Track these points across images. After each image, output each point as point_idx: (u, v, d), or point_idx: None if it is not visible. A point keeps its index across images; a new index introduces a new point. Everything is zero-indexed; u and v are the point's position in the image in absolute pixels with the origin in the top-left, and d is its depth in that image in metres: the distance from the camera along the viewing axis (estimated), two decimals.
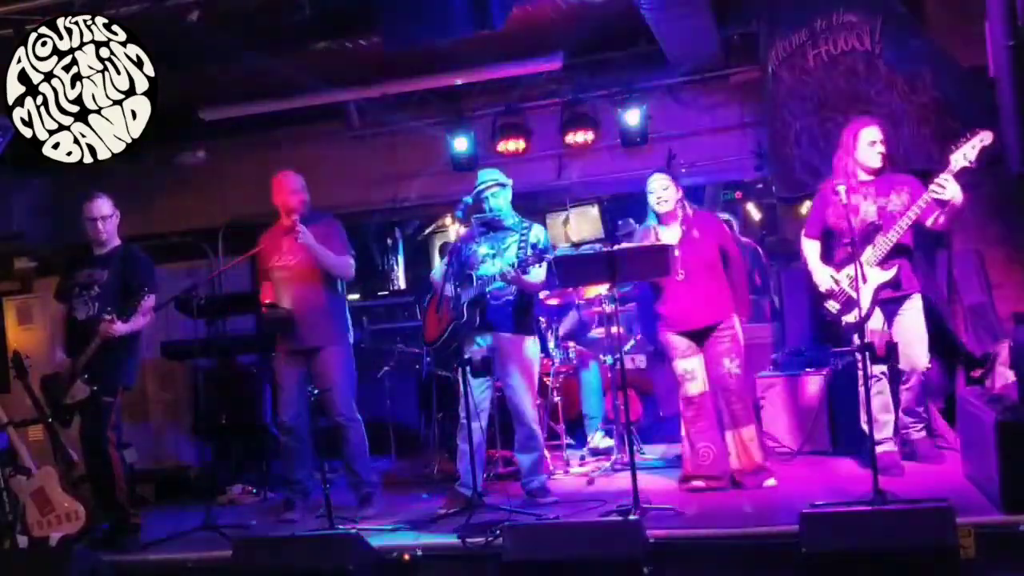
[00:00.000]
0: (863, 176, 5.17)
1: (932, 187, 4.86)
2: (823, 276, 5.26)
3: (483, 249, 5.43)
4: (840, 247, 5.19)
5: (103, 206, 5.46)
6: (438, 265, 5.75)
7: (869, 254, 5.05)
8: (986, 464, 4.39)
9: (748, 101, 7.41)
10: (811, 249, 5.37)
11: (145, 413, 7.51)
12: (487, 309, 5.32)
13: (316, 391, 5.42)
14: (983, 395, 4.83)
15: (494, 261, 5.34)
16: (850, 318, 5.09)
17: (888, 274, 5.06)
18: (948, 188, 4.81)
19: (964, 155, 4.78)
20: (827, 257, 5.31)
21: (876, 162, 5.14)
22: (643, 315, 6.32)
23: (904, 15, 5.87)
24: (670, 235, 5.31)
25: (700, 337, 5.30)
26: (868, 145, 5.13)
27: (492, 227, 5.48)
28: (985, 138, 4.76)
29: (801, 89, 6.19)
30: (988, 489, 4.40)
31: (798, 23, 6.17)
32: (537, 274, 5.26)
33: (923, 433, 5.38)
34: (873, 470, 4.45)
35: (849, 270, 5.08)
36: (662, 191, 5.29)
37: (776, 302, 7.28)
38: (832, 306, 5.22)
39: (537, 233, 5.37)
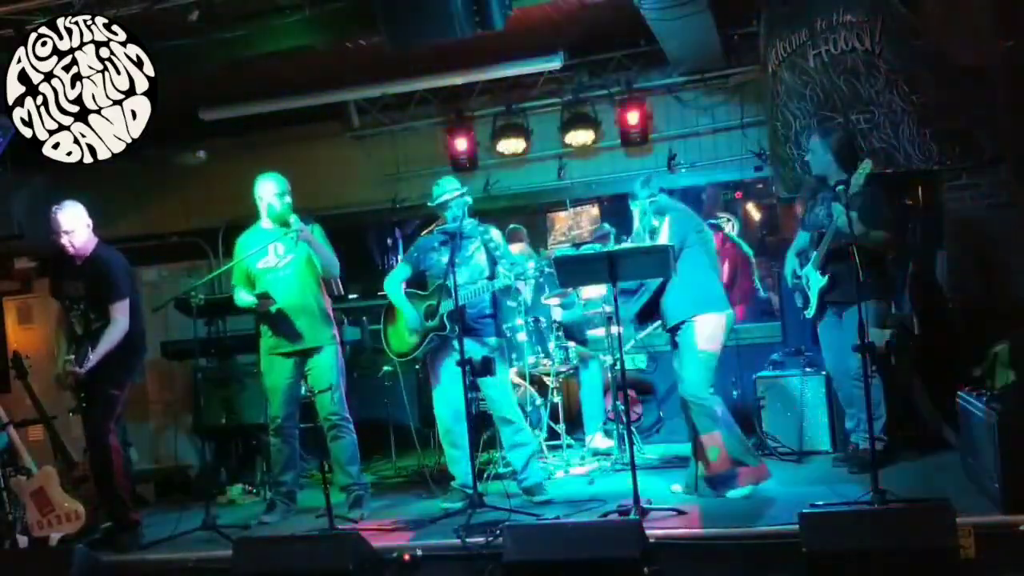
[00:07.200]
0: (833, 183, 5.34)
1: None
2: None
3: (446, 259, 5.40)
4: None
5: (64, 220, 5.21)
6: (390, 275, 5.78)
7: (815, 258, 5.44)
8: (986, 464, 4.39)
9: (748, 101, 7.40)
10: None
11: (145, 413, 7.50)
12: (465, 317, 5.34)
13: (315, 392, 5.38)
14: (983, 395, 4.83)
15: (461, 269, 5.37)
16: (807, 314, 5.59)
17: (823, 280, 5.43)
18: (836, 215, 5.02)
19: (855, 180, 4.91)
20: None
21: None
22: None
23: (904, 15, 5.87)
24: None
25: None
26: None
27: (453, 236, 5.46)
28: (866, 167, 4.90)
29: (801, 89, 6.19)
30: (988, 489, 4.40)
31: (798, 23, 6.17)
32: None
33: (864, 443, 5.29)
34: (873, 470, 4.45)
35: (805, 269, 5.55)
36: None
37: (775, 302, 7.28)
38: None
39: (495, 236, 5.55)
